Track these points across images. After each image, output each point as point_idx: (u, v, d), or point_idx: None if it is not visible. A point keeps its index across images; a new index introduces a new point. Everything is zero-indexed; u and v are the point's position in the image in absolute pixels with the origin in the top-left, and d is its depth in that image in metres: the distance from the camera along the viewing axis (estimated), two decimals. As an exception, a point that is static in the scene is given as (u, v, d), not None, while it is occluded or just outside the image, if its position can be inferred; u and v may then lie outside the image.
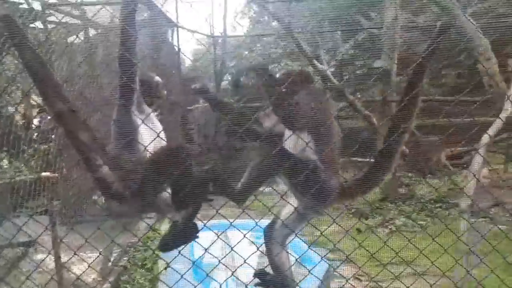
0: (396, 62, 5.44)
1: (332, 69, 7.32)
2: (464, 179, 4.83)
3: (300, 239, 2.76)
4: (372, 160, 2.50)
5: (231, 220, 2.21)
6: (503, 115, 3.85)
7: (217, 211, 2.16)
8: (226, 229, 2.32)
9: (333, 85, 6.36)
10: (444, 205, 5.49)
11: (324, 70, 6.09)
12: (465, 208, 3.34)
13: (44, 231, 2.31)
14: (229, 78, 9.71)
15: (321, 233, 2.49)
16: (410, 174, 6.93)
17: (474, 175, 3.92)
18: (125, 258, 4.43)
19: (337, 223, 2.34)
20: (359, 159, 6.75)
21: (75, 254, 2.09)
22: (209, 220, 2.36)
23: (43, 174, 3.56)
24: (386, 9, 5.60)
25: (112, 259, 4.19)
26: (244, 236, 2.27)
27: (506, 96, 4.12)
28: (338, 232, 2.72)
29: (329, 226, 2.38)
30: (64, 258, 3.03)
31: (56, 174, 3.53)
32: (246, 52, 10.85)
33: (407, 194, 5.90)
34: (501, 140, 5.21)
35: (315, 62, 5.87)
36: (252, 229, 2.32)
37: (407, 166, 6.99)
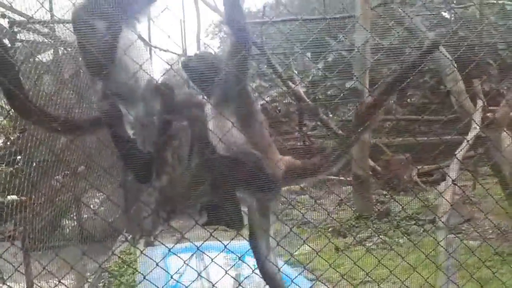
0: (367, 82, 5.60)
1: (304, 89, 7.44)
2: (436, 197, 4.96)
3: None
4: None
5: (201, 243, 2.18)
6: (471, 134, 4.01)
7: (182, 235, 2.12)
8: (193, 253, 2.28)
9: (306, 104, 6.48)
10: (419, 222, 5.60)
11: (297, 90, 6.19)
12: (441, 225, 3.41)
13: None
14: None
15: (292, 255, 2.48)
16: (384, 192, 7.06)
17: (440, 194, 4.04)
18: (100, 285, 4.28)
19: (307, 244, 2.34)
20: (333, 177, 6.84)
21: (59, 282, 1.99)
22: (176, 243, 2.31)
23: (10, 197, 3.41)
24: (355, 32, 5.78)
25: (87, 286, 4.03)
26: (212, 260, 2.23)
27: (471, 116, 4.31)
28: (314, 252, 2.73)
29: (299, 248, 2.39)
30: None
31: (24, 198, 3.38)
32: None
33: (382, 212, 5.99)
34: (469, 157, 5.41)
35: (289, 82, 5.97)
36: (222, 251, 2.27)
37: (380, 183, 7.13)
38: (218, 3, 8.30)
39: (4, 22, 3.99)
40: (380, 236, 5.18)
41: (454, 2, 9.09)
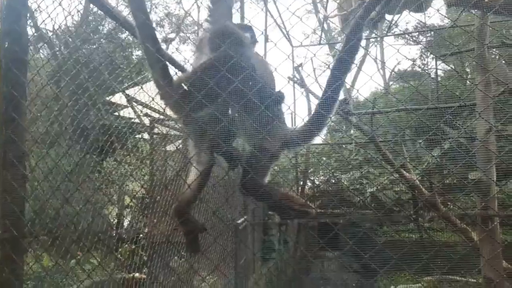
0: (494, 173, 5.07)
1: (419, 178, 7.01)
2: None
3: None
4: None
5: None
6: None
7: None
8: None
9: (421, 194, 6.05)
10: None
11: (411, 179, 5.86)
12: None
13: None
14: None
15: None
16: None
17: None
18: None
19: None
20: (453, 277, 6.02)
21: None
22: None
23: (133, 275, 3.65)
24: (476, 119, 5.42)
25: None
26: None
27: None
28: None
29: None
30: None
31: (144, 276, 3.60)
32: (324, 158, 11.00)
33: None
34: None
35: (401, 170, 5.70)
36: None
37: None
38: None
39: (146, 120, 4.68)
40: None
41: None
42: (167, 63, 2.48)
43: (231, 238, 5.02)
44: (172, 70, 2.58)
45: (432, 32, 12.97)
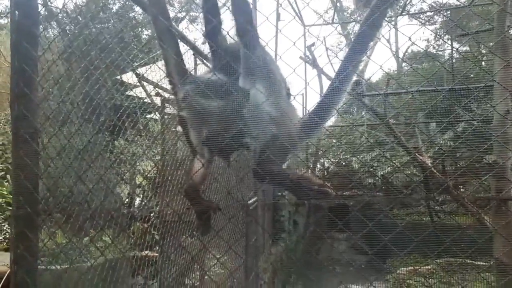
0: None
1: (431, 161, 6.92)
2: None
3: None
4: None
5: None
6: None
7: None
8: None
9: (434, 177, 5.97)
10: None
11: (424, 162, 5.77)
12: None
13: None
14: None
15: None
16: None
17: None
18: None
19: None
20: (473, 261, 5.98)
21: None
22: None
23: (144, 252, 3.67)
24: (494, 101, 5.28)
25: None
26: None
27: None
28: None
29: None
30: None
31: (156, 254, 3.62)
32: (334, 141, 10.93)
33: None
34: None
35: (416, 153, 5.61)
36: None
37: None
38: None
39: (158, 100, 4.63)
40: None
41: None
42: (179, 40, 2.42)
43: (242, 218, 5.02)
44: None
45: (449, 12, 12.60)
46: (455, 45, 10.95)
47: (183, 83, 2.15)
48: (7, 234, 6.41)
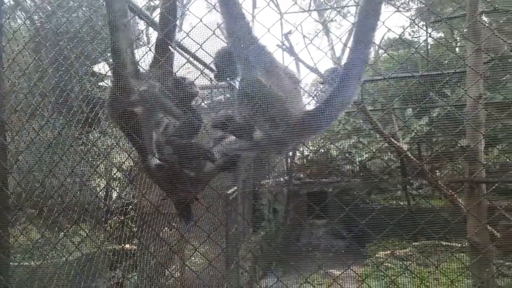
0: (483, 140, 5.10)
1: (407, 146, 7.05)
2: None
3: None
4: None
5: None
6: None
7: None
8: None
9: (411, 162, 6.09)
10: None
11: (400, 147, 5.87)
12: None
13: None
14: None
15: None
16: (507, 263, 6.13)
17: None
18: None
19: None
20: (443, 243, 6.16)
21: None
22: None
23: (122, 245, 3.62)
24: (466, 86, 5.39)
25: None
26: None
27: None
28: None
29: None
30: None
31: (135, 246, 3.57)
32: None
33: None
34: None
35: (392, 139, 5.70)
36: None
37: (500, 252, 6.21)
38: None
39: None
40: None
41: None
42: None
43: (221, 208, 5.01)
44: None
45: (423, -2, 12.71)
46: (430, 31, 11.11)
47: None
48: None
